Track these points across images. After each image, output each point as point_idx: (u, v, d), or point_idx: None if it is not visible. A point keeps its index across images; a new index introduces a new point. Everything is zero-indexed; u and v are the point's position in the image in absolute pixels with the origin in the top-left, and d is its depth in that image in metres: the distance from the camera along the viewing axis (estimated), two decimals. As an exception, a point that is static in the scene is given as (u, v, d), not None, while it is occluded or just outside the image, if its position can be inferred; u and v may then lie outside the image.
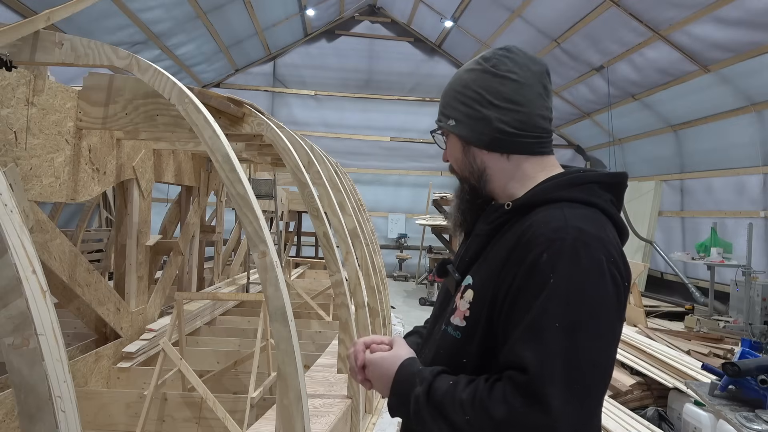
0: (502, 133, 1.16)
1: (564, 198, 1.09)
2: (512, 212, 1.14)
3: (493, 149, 1.18)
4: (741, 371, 3.29)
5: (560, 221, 1.03)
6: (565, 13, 8.93)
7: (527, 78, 1.17)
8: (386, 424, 3.85)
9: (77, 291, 3.47)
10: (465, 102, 1.19)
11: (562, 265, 0.98)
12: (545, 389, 0.92)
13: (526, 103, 1.16)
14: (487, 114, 1.16)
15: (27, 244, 1.22)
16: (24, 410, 1.13)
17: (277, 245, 6.61)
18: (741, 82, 7.71)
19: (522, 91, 1.16)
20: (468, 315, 1.11)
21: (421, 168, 13.67)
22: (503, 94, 1.16)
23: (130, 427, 3.34)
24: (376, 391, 1.20)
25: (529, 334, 0.97)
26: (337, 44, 13.44)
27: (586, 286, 0.98)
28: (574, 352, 0.94)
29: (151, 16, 8.35)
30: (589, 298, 0.98)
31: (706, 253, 8.07)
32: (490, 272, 1.10)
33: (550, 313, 0.96)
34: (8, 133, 2.64)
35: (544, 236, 1.02)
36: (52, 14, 2.22)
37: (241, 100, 3.33)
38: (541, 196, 1.12)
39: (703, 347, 5.52)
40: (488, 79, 1.17)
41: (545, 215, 1.07)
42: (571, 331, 0.95)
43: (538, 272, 0.99)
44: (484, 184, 1.21)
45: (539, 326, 0.96)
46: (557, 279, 0.97)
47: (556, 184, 1.13)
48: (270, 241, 1.97)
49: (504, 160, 1.18)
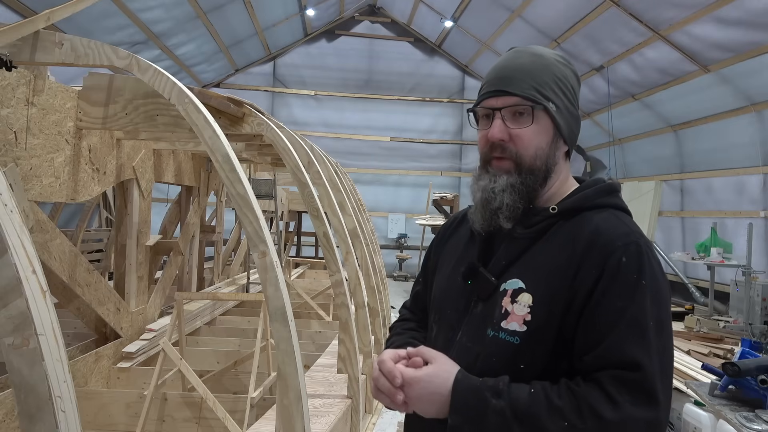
0: (576, 137, 1.19)
1: (608, 204, 1.13)
2: (557, 216, 1.13)
3: (570, 148, 1.19)
4: (741, 371, 3.28)
5: (623, 227, 1.08)
6: (565, 13, 8.93)
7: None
8: (386, 424, 3.85)
9: (77, 291, 3.47)
10: (565, 93, 1.15)
11: (645, 267, 1.02)
12: (655, 385, 0.95)
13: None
14: (577, 115, 1.18)
15: (27, 244, 1.22)
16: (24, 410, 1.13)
17: (277, 245, 6.61)
18: (741, 82, 7.71)
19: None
20: (529, 319, 1.05)
21: (421, 168, 13.67)
22: (578, 104, 1.19)
23: (130, 427, 3.34)
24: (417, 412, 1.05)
25: (633, 334, 0.98)
26: (337, 44, 13.44)
27: (663, 286, 1.04)
28: (664, 349, 0.99)
29: (151, 16, 8.35)
30: (666, 296, 1.04)
31: (706, 253, 8.06)
32: (551, 276, 1.06)
33: (648, 312, 0.99)
34: (8, 133, 2.64)
35: (619, 240, 1.04)
36: (52, 14, 2.23)
37: (241, 100, 3.33)
38: (588, 201, 1.13)
39: (703, 347, 5.52)
40: (575, 84, 1.18)
41: (604, 220, 1.09)
42: (661, 329, 1.00)
43: (624, 275, 1.01)
44: (547, 179, 1.15)
45: (641, 325, 0.98)
46: (646, 280, 1.01)
47: (598, 191, 1.15)
48: (270, 241, 1.97)
49: (565, 162, 1.19)
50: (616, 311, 0.99)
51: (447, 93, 13.73)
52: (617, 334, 0.98)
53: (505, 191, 1.12)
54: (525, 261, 1.11)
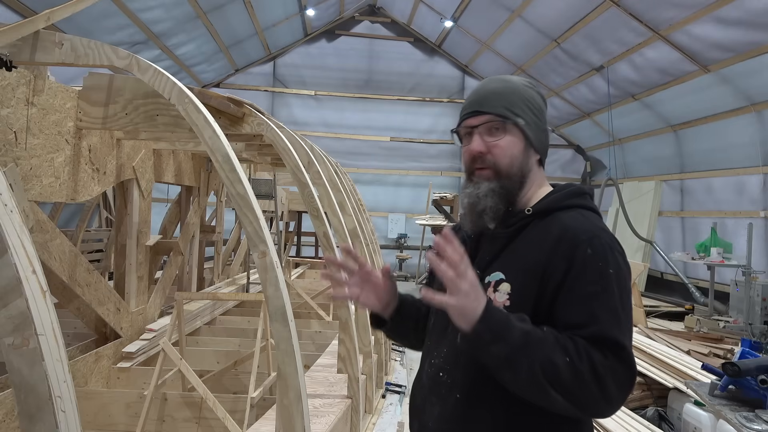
0: (547, 148, 1.42)
1: (578, 205, 1.31)
2: (532, 216, 1.31)
3: (542, 157, 1.40)
4: (741, 371, 3.29)
5: (588, 224, 1.26)
6: (565, 13, 8.93)
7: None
8: (386, 424, 3.85)
9: (77, 291, 3.47)
10: (533, 111, 1.36)
11: (610, 258, 1.20)
12: (626, 343, 1.16)
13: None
14: (545, 129, 1.40)
15: (27, 244, 1.22)
16: (24, 410, 1.13)
17: (277, 245, 6.61)
18: (741, 82, 7.71)
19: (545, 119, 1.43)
20: (508, 305, 1.24)
21: (421, 168, 13.67)
22: (545, 118, 1.41)
23: (130, 427, 3.33)
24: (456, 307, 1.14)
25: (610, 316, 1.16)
26: (337, 44, 13.44)
27: (626, 275, 1.22)
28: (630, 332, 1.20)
29: (151, 16, 8.35)
30: (628, 285, 1.22)
31: (706, 253, 8.06)
32: (526, 267, 1.25)
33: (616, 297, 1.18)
34: (8, 133, 2.64)
35: (583, 234, 1.23)
36: (52, 14, 2.23)
37: (241, 100, 3.33)
38: (558, 203, 1.32)
39: (703, 347, 5.52)
40: (539, 102, 1.39)
41: (572, 219, 1.28)
42: (628, 314, 1.20)
43: (592, 264, 1.19)
44: (523, 184, 1.35)
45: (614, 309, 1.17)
46: (613, 269, 1.19)
47: (568, 194, 1.34)
48: (270, 241, 1.98)
49: (538, 169, 1.39)
50: (590, 296, 1.17)
51: (447, 93, 13.73)
52: (596, 317, 1.16)
53: (487, 195, 1.31)
54: (505, 256, 1.30)
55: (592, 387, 1.10)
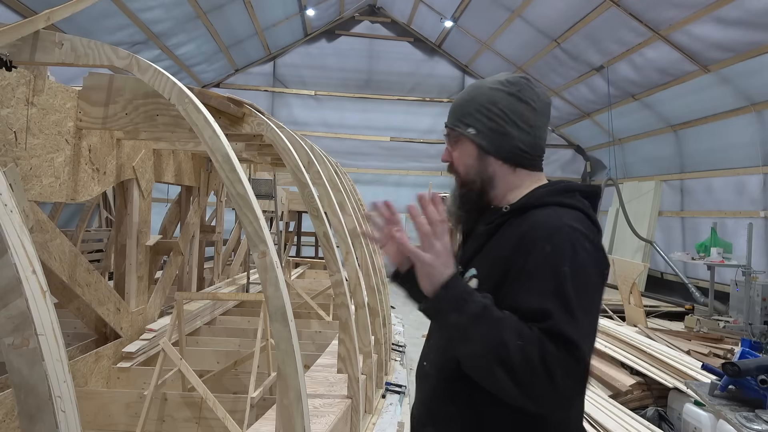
0: (519, 150, 1.37)
1: (555, 202, 1.31)
2: (510, 214, 1.34)
3: (507, 161, 1.38)
4: (741, 371, 3.29)
5: (557, 220, 1.24)
6: (565, 13, 8.93)
7: (541, 108, 1.39)
8: (386, 424, 3.84)
9: (77, 291, 3.47)
10: (489, 117, 1.36)
11: (567, 255, 1.18)
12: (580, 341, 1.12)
13: (537, 128, 1.38)
14: (510, 131, 1.36)
15: (27, 244, 1.22)
16: (24, 410, 1.13)
17: (277, 245, 6.61)
18: (741, 82, 7.71)
19: (537, 118, 1.38)
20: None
21: (421, 168, 13.67)
22: (525, 118, 1.36)
23: (130, 427, 3.33)
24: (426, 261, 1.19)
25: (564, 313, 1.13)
26: (337, 44, 13.44)
27: (587, 272, 1.19)
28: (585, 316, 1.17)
29: (151, 16, 8.35)
30: (590, 281, 1.20)
31: (706, 253, 8.06)
32: (494, 263, 1.29)
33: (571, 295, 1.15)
34: (8, 133, 2.64)
35: (545, 231, 1.22)
36: (52, 14, 2.23)
37: (241, 100, 3.33)
38: (536, 200, 1.33)
39: (703, 347, 5.52)
40: (514, 102, 1.36)
41: (543, 215, 1.27)
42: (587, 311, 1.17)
43: (549, 260, 1.18)
44: (489, 189, 1.39)
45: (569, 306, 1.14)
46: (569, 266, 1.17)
47: (549, 191, 1.35)
48: (270, 241, 1.97)
49: (510, 172, 1.38)
50: (544, 292, 1.16)
51: (447, 93, 13.73)
52: (549, 312, 1.14)
53: (453, 201, 1.44)
54: (482, 253, 1.35)
55: (540, 374, 1.08)
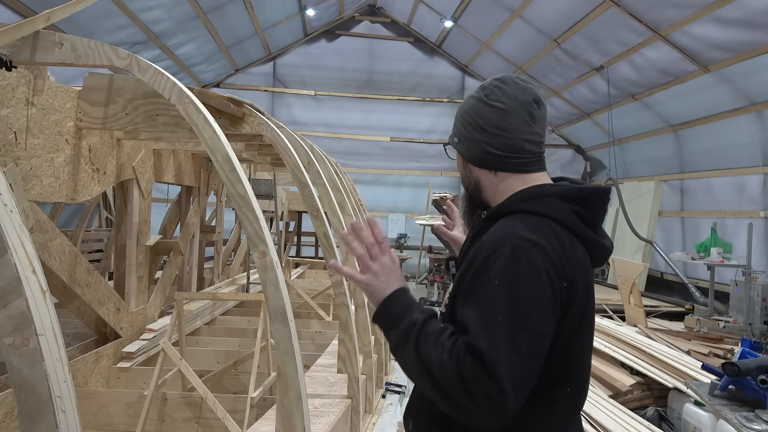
0: (489, 153, 1.36)
1: (522, 209, 1.29)
2: (486, 220, 1.37)
3: (482, 166, 1.39)
4: (741, 371, 3.28)
5: (508, 230, 1.24)
6: (565, 13, 8.92)
7: (514, 107, 1.33)
8: (386, 424, 3.84)
9: (77, 291, 3.47)
10: (464, 124, 1.40)
11: (501, 268, 1.17)
12: (498, 369, 1.09)
13: (510, 129, 1.33)
14: (477, 137, 1.37)
15: (27, 244, 1.22)
16: (24, 410, 1.13)
17: (277, 245, 6.61)
18: (741, 82, 7.70)
19: (507, 119, 1.33)
20: (447, 303, 1.36)
21: (421, 168, 13.67)
22: (491, 121, 1.34)
23: (130, 427, 3.33)
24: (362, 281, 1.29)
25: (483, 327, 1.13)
26: (337, 44, 13.43)
27: (521, 285, 1.16)
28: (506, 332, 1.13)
29: (151, 16, 8.35)
30: (524, 295, 1.16)
31: (706, 253, 8.05)
32: (462, 270, 1.32)
33: (499, 308, 1.14)
34: (8, 133, 2.64)
35: (491, 242, 1.23)
36: (52, 14, 2.23)
37: (241, 100, 3.33)
38: (506, 207, 1.33)
39: (703, 347, 5.52)
40: (480, 107, 1.36)
41: (500, 225, 1.28)
42: (512, 323, 1.13)
43: (484, 273, 1.19)
44: (479, 193, 1.42)
45: (489, 320, 1.14)
46: (499, 279, 1.16)
47: (518, 197, 1.33)
48: (270, 241, 1.98)
49: (492, 176, 1.38)
50: (470, 304, 1.19)
51: (447, 93, 13.73)
52: (467, 326, 1.15)
53: (463, 203, 1.53)
54: (465, 259, 1.36)
55: (458, 388, 1.10)
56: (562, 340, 1.22)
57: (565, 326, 1.22)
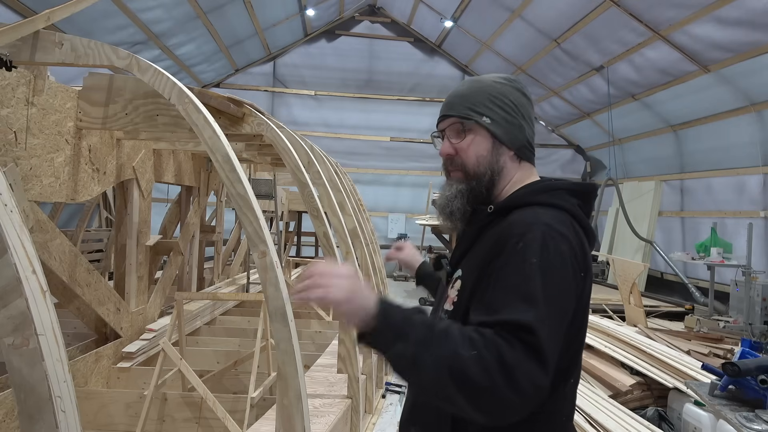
0: (527, 142, 1.39)
1: (537, 202, 1.28)
2: (494, 214, 1.33)
3: (518, 153, 1.38)
4: (741, 371, 3.28)
5: (533, 218, 1.22)
6: (565, 13, 8.92)
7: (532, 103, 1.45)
8: (386, 424, 3.85)
9: (77, 291, 3.47)
10: (502, 107, 1.36)
11: (536, 251, 1.14)
12: (544, 347, 1.05)
13: (533, 123, 1.43)
14: (521, 124, 1.38)
15: (27, 244, 1.22)
16: (24, 410, 1.13)
17: (277, 245, 6.61)
18: (741, 82, 7.71)
19: (532, 115, 1.43)
20: (456, 300, 1.30)
21: (421, 168, 13.67)
22: (528, 112, 1.40)
23: (130, 427, 3.33)
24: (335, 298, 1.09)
25: (526, 305, 1.09)
26: (337, 44, 13.44)
27: (554, 271, 1.14)
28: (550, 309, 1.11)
29: (151, 16, 8.35)
30: (560, 276, 1.15)
31: (706, 253, 8.06)
32: (475, 265, 1.27)
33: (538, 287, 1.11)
34: (8, 133, 2.64)
35: (519, 230, 1.19)
36: (52, 14, 2.23)
37: (241, 100, 3.33)
38: (518, 200, 1.31)
39: (703, 347, 5.52)
40: (520, 97, 1.39)
41: (520, 215, 1.25)
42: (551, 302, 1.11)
43: (518, 256, 1.15)
44: (496, 181, 1.36)
45: (534, 297, 1.09)
46: (534, 261, 1.13)
47: (531, 191, 1.33)
48: (270, 241, 1.98)
49: (517, 165, 1.38)
50: (509, 287, 1.13)
51: (447, 93, 13.70)
52: (508, 304, 1.10)
53: (456, 197, 1.36)
54: (469, 254, 1.35)
55: (500, 382, 1.00)
56: (575, 328, 1.22)
57: (577, 315, 1.22)
